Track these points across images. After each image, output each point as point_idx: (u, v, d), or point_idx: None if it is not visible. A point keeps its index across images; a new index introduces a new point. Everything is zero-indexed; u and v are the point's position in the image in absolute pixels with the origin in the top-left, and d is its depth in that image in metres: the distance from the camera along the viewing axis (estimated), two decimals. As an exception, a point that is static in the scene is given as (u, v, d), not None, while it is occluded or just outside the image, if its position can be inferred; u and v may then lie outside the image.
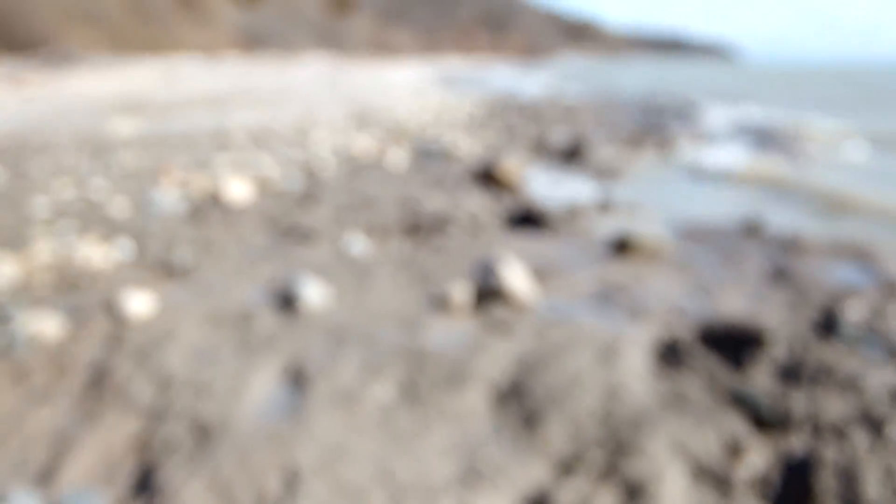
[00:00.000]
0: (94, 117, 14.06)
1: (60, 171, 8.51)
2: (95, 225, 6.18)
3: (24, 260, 5.05)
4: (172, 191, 7.74)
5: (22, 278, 4.79)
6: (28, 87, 20.04)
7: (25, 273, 4.87)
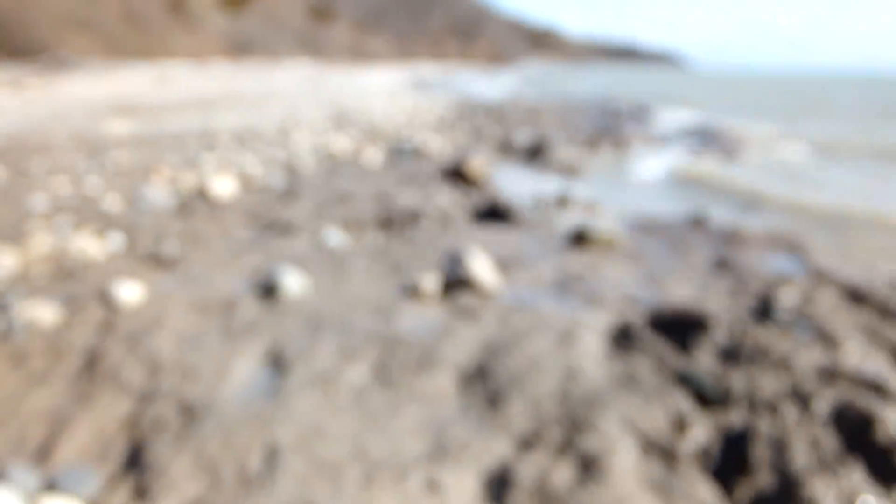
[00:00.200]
0: (90, 119, 13.82)
1: (58, 170, 8.39)
2: (90, 219, 6.11)
3: (23, 252, 5.00)
4: (162, 187, 7.65)
5: (21, 269, 4.75)
6: (29, 91, 19.72)
7: (24, 264, 4.83)
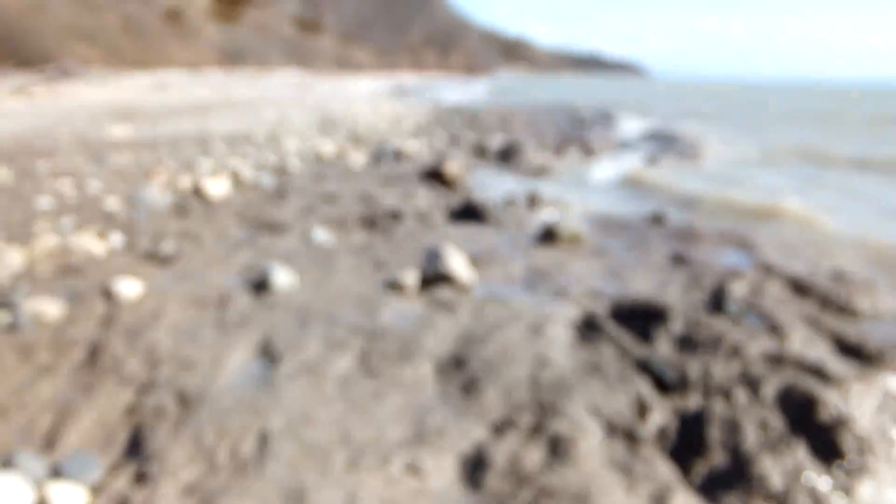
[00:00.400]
0: (92, 124, 13.59)
1: (62, 172, 8.24)
2: (92, 219, 6.02)
3: (29, 250, 4.94)
4: (160, 189, 7.55)
5: (27, 266, 4.68)
6: (35, 97, 19.41)
7: (30, 262, 4.76)
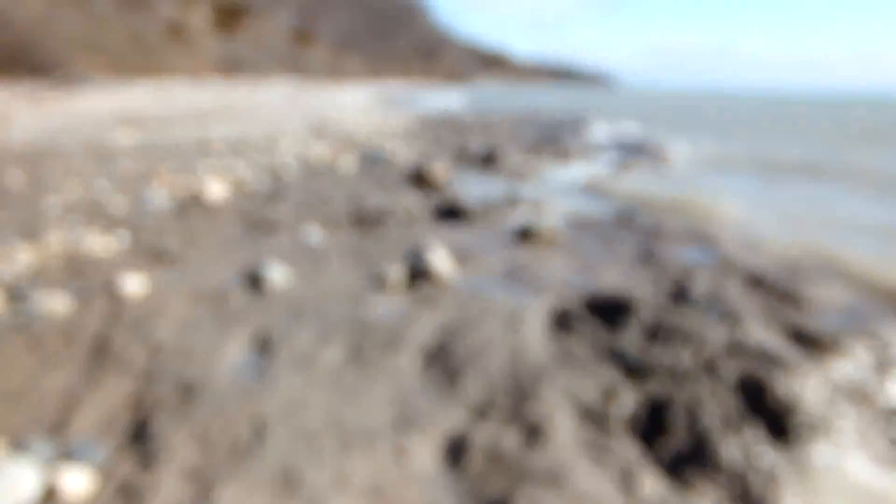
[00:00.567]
0: (99, 130, 13.42)
1: (70, 175, 8.14)
2: (98, 220, 5.96)
3: (39, 249, 4.90)
4: (162, 191, 7.48)
5: (37, 264, 4.65)
6: (45, 105, 19.18)
7: (40, 260, 4.73)
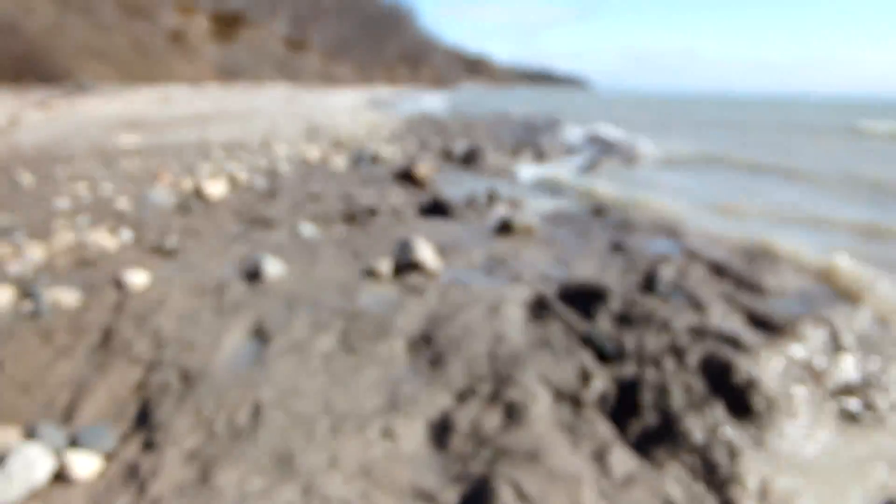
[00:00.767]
0: (105, 133, 13.17)
1: (78, 176, 7.98)
2: (104, 217, 5.86)
3: (49, 246, 4.83)
4: (165, 190, 7.37)
5: (47, 260, 4.57)
6: (54, 110, 18.90)
7: (50, 256, 4.65)
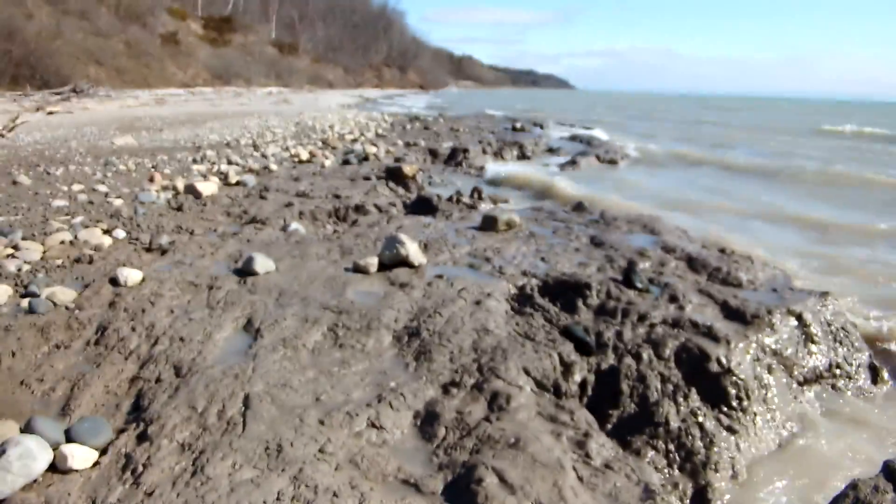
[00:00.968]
0: (101, 134, 12.99)
1: (74, 176, 7.89)
2: (100, 217, 5.80)
3: (47, 244, 4.78)
4: (158, 189, 7.31)
5: (45, 258, 4.53)
6: (52, 113, 18.82)
7: (46, 254, 4.61)
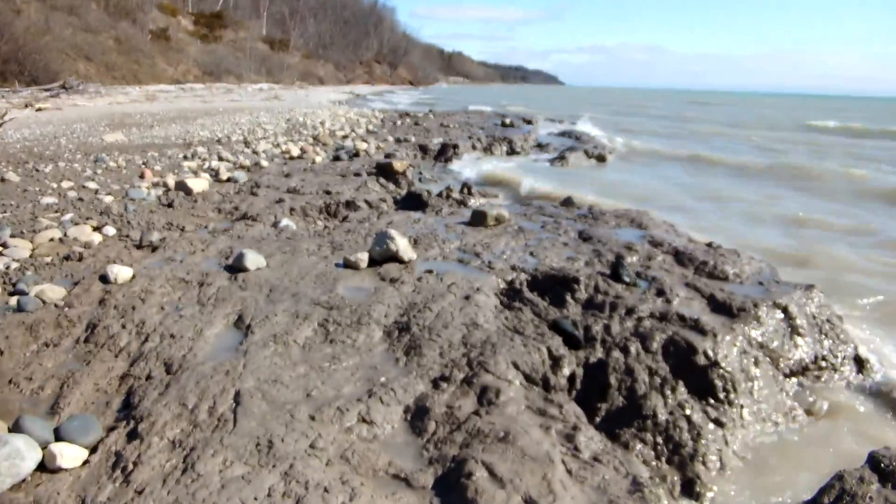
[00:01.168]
0: (91, 131, 12.81)
1: (64, 172, 7.77)
2: (90, 214, 5.72)
3: (36, 242, 4.72)
4: (149, 186, 7.21)
5: (34, 256, 4.47)
6: (41, 110, 18.58)
7: (36, 252, 4.54)
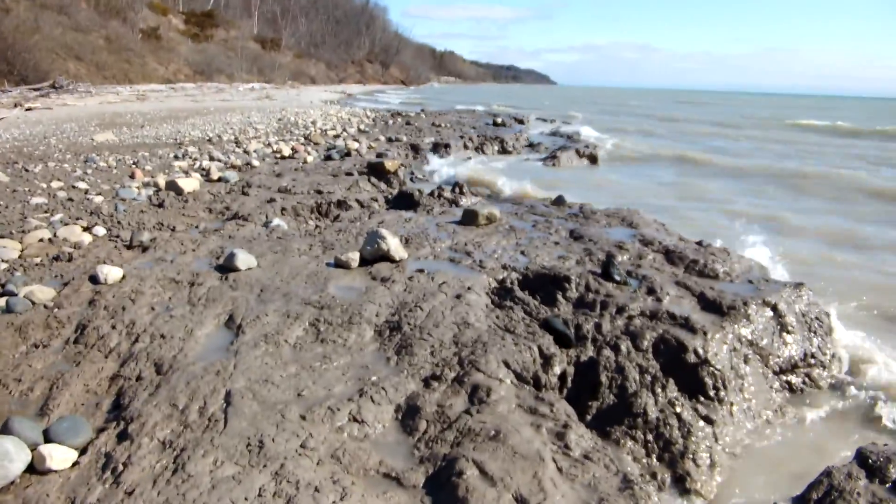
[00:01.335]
0: (81, 131, 12.67)
1: (54, 173, 7.67)
2: (80, 214, 5.65)
3: (25, 242, 4.66)
4: (139, 186, 7.12)
5: (23, 256, 4.42)
6: (32, 109, 18.41)
7: (25, 252, 4.49)
